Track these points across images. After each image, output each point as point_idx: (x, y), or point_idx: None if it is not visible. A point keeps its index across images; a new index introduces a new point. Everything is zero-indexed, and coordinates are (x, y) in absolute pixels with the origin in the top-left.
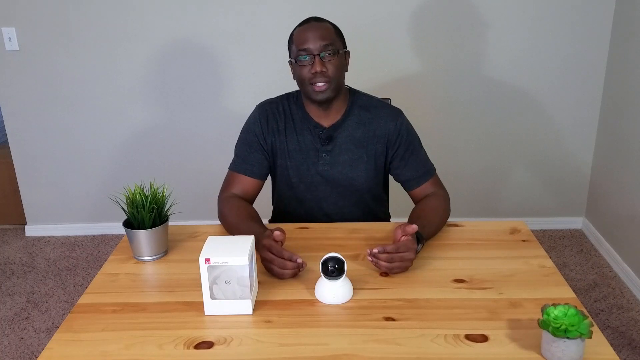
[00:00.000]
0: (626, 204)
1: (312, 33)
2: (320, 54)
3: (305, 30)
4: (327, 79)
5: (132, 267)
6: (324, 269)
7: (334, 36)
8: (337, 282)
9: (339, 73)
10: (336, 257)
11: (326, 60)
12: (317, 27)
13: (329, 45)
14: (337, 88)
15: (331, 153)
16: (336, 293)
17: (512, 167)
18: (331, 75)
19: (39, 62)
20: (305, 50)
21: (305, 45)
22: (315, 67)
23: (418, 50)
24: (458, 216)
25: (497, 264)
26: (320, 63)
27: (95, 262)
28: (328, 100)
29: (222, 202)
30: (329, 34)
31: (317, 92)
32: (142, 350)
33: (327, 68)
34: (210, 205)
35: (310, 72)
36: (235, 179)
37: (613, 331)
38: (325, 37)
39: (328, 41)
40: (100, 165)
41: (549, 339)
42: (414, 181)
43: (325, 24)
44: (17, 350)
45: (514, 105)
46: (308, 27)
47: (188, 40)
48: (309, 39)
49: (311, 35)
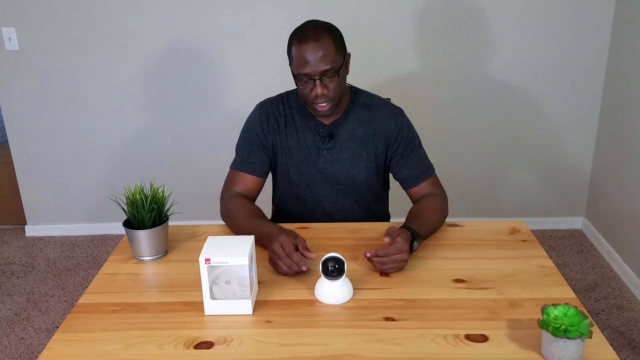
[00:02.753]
0: (626, 204)
1: (311, 57)
2: (320, 78)
3: (304, 53)
4: (328, 99)
5: (132, 267)
6: (324, 269)
7: (334, 55)
8: (337, 282)
9: (340, 90)
10: (336, 257)
11: (327, 82)
12: (316, 49)
13: (329, 70)
14: (339, 102)
15: (332, 151)
16: (336, 293)
17: (512, 167)
18: (333, 95)
19: (39, 62)
20: (306, 75)
21: (304, 70)
22: (316, 90)
23: (418, 50)
24: (458, 216)
25: (497, 264)
26: (321, 86)
27: (95, 262)
28: (330, 115)
29: (226, 201)
30: (329, 55)
31: (319, 110)
32: (142, 350)
33: (328, 89)
34: (210, 205)
35: (311, 94)
36: (237, 178)
37: (613, 331)
38: (326, 60)
39: (328, 65)
40: (100, 165)
41: (549, 339)
42: (413, 180)
43: (324, 40)
44: (17, 350)
45: (514, 105)
46: (307, 49)
47: (188, 40)
48: (308, 63)
49: (311, 59)
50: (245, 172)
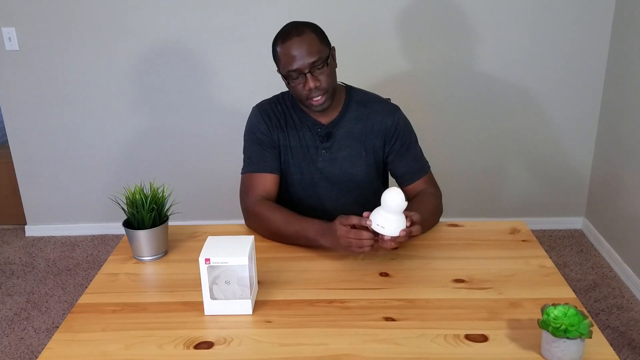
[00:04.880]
0: (626, 204)
1: (297, 51)
2: (310, 70)
3: (290, 49)
4: (322, 91)
5: (132, 267)
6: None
7: (319, 45)
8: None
9: (332, 80)
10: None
11: (317, 74)
12: (300, 43)
13: (317, 60)
14: (334, 93)
15: (330, 149)
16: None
17: (512, 167)
18: (325, 86)
19: (39, 62)
20: (295, 71)
21: (293, 66)
22: (308, 84)
23: (417, 50)
24: (458, 216)
25: (497, 264)
26: (312, 79)
27: (95, 262)
28: (327, 108)
29: (252, 208)
30: (314, 47)
31: (316, 105)
32: (142, 350)
33: (320, 81)
34: (210, 205)
35: (304, 89)
36: (255, 181)
37: (613, 331)
38: (311, 52)
39: (315, 57)
40: (100, 165)
41: (549, 339)
42: (408, 177)
43: (306, 34)
44: (17, 350)
45: (514, 105)
46: (291, 45)
47: (188, 40)
48: (295, 58)
49: (297, 54)
50: (263, 171)
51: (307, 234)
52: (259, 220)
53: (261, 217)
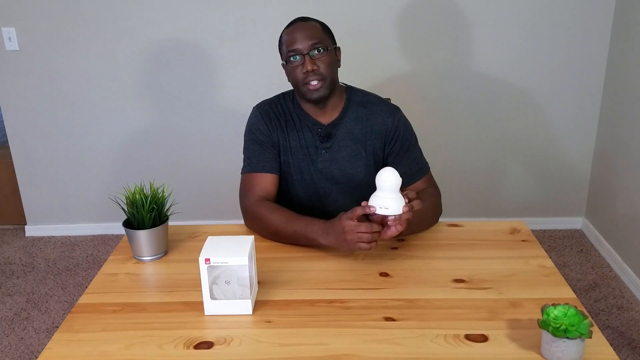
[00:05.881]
0: (626, 204)
1: (299, 33)
2: (309, 52)
3: (293, 31)
4: (319, 76)
5: (132, 267)
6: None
7: (322, 34)
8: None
9: (330, 70)
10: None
11: (316, 58)
12: (304, 27)
13: (318, 43)
14: (331, 85)
15: (330, 150)
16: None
17: (512, 167)
18: (323, 72)
19: (39, 62)
20: (295, 50)
21: (294, 46)
22: (306, 66)
23: (417, 50)
24: (458, 216)
25: (497, 264)
26: (310, 62)
27: (95, 262)
28: (323, 98)
29: (252, 209)
30: (317, 32)
31: (312, 90)
32: (142, 350)
33: (318, 66)
34: (210, 205)
35: (302, 72)
36: (255, 181)
37: (613, 331)
38: (313, 35)
39: (316, 39)
40: (100, 165)
41: (548, 339)
42: (408, 178)
43: (312, 22)
44: (17, 350)
45: (514, 105)
46: (295, 28)
47: (188, 40)
48: (297, 39)
49: (299, 36)
50: (263, 171)
51: (307, 233)
52: (259, 220)
53: (260, 217)
